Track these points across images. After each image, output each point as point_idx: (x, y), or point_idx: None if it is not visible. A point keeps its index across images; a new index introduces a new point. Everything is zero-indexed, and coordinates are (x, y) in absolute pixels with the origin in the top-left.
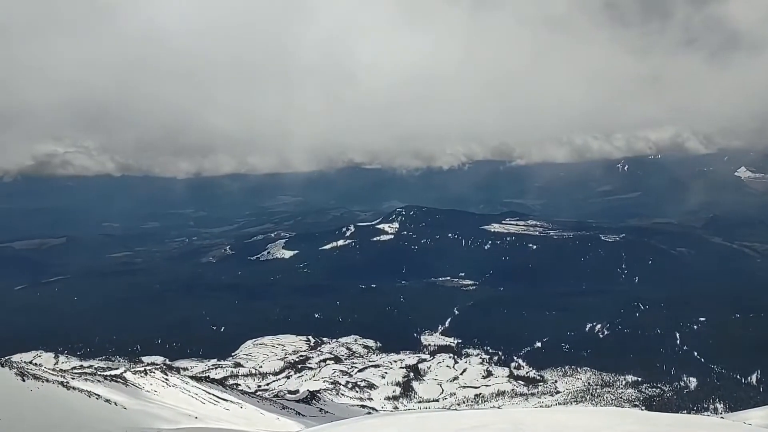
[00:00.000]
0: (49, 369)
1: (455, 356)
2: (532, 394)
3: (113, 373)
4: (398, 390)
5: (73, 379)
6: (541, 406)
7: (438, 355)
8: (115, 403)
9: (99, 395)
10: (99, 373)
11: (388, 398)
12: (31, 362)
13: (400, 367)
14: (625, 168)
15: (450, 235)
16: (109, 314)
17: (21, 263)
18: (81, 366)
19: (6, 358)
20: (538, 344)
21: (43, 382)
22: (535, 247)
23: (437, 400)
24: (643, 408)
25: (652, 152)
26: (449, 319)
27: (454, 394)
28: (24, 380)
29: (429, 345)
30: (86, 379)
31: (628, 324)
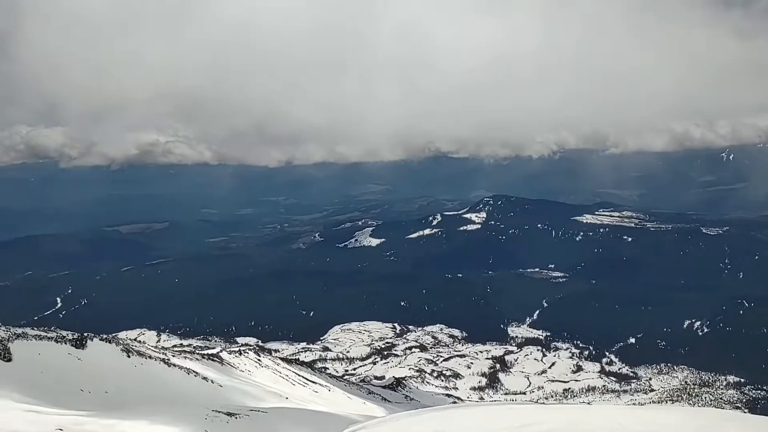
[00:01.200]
0: (151, 346)
1: (543, 349)
2: (625, 391)
3: (210, 352)
4: (484, 381)
5: (173, 356)
6: (634, 404)
7: (525, 347)
8: (212, 381)
9: (197, 373)
10: (197, 351)
11: (474, 388)
12: (135, 339)
13: (486, 358)
14: (730, 157)
15: (539, 225)
16: (207, 296)
17: (127, 246)
18: (181, 344)
19: (113, 335)
20: (632, 340)
21: (146, 358)
22: (630, 239)
23: (524, 393)
24: (745, 411)
25: (761, 140)
26: (538, 312)
27: (542, 387)
28: (129, 356)
29: (516, 337)
30: (185, 357)
31: (731, 322)
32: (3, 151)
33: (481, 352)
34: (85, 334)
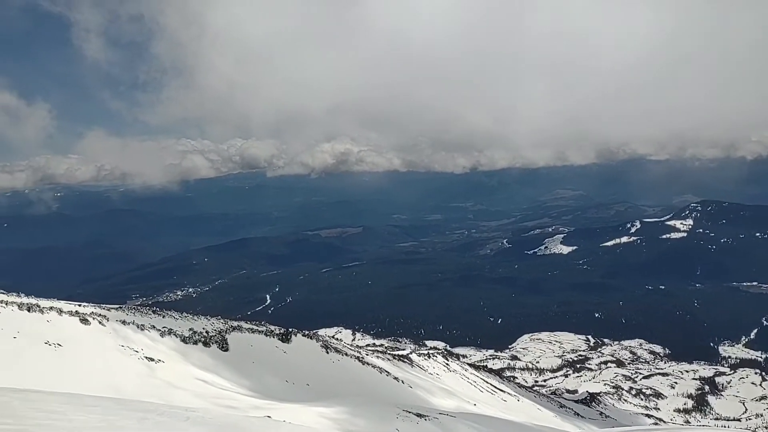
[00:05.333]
0: (347, 344)
1: (763, 373)
2: None
3: (400, 353)
4: (690, 403)
5: (367, 355)
6: None
7: (740, 369)
8: (402, 381)
9: (389, 372)
10: (388, 352)
11: (678, 410)
12: (333, 337)
13: (693, 379)
14: None
15: (757, 234)
16: (398, 298)
17: (326, 249)
18: (373, 344)
19: (314, 331)
20: None
21: (342, 355)
22: None
23: (739, 420)
24: None
25: None
26: (755, 331)
27: (761, 415)
28: (327, 352)
29: (729, 357)
30: (378, 357)
31: None
32: (222, 162)
33: (687, 371)
34: (290, 330)
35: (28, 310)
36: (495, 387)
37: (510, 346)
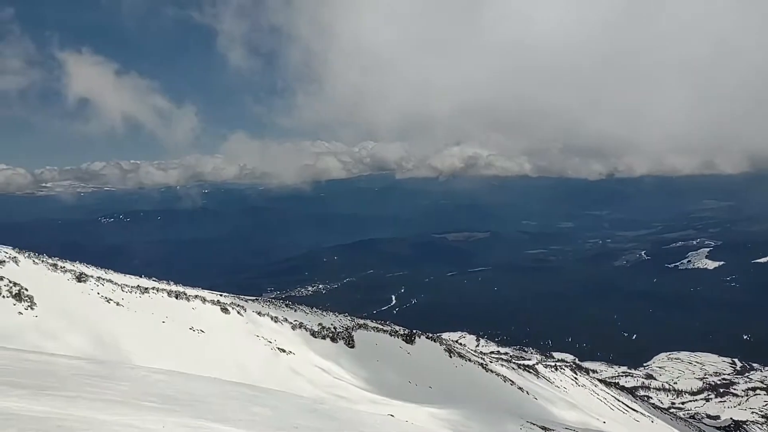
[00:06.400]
0: (471, 350)
1: None
2: None
3: (526, 363)
4: None
5: (491, 362)
6: None
7: None
8: (527, 392)
9: (513, 381)
10: (513, 361)
11: None
12: (456, 341)
13: None
14: None
15: None
16: (524, 307)
17: (452, 253)
18: (498, 351)
19: (437, 334)
20: None
21: (466, 360)
22: None
23: None
24: None
25: None
26: None
27: None
28: (451, 356)
29: None
30: (502, 365)
31: None
32: (353, 164)
33: None
34: (414, 331)
35: (176, 298)
36: (627, 406)
37: (645, 364)
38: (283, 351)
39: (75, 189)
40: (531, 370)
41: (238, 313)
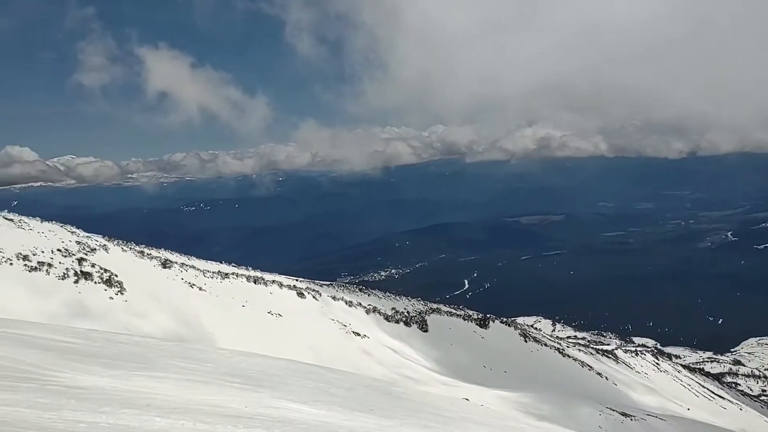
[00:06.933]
0: (546, 334)
1: None
2: None
3: (604, 348)
4: None
5: (567, 347)
6: None
7: None
8: (606, 378)
9: (591, 367)
10: (591, 346)
11: None
12: (531, 326)
13: None
14: None
15: None
16: (602, 291)
17: (526, 236)
18: (575, 336)
19: (511, 319)
20: None
21: (542, 345)
22: None
23: None
24: None
25: None
26: None
27: None
28: (526, 341)
29: None
30: (579, 350)
31: None
32: (423, 148)
33: None
34: (488, 316)
35: (255, 282)
36: (713, 392)
37: (732, 350)
38: (357, 334)
39: (158, 179)
40: (610, 356)
41: (314, 297)
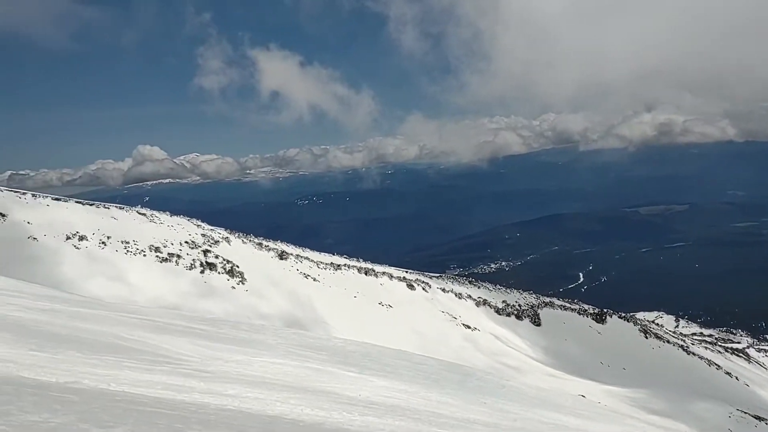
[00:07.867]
0: (669, 331)
1: None
2: None
3: (734, 346)
4: None
5: (692, 345)
6: None
7: None
8: (736, 378)
9: (719, 366)
10: (719, 344)
11: None
12: (653, 322)
13: None
14: None
15: None
16: (731, 285)
17: (646, 227)
18: (701, 333)
19: (631, 314)
20: None
21: (664, 342)
22: None
23: None
24: None
25: None
26: None
27: None
28: (647, 338)
29: None
30: (705, 348)
31: None
32: (534, 138)
33: None
34: (605, 310)
35: (366, 274)
36: None
37: None
38: (468, 327)
39: (274, 174)
40: (741, 354)
41: (423, 289)
